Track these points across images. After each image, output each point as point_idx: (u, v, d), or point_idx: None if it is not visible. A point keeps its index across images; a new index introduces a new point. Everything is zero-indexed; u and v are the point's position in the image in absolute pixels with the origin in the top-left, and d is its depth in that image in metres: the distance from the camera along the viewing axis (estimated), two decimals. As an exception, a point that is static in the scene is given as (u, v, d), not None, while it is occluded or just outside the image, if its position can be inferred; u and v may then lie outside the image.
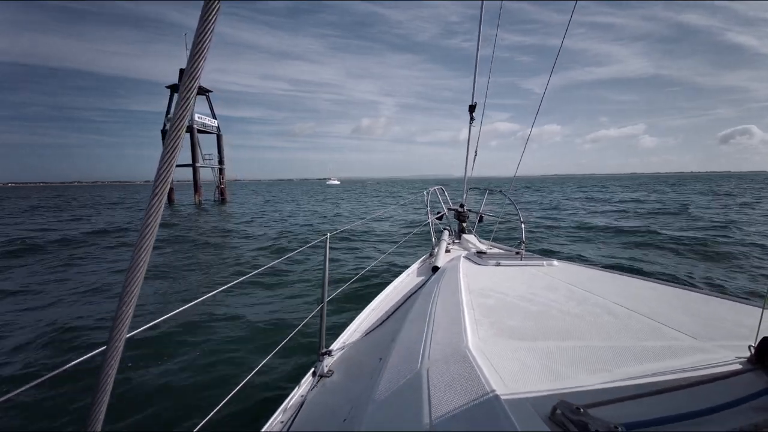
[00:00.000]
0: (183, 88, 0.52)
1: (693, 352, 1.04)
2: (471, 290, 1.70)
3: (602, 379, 0.89)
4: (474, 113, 4.37)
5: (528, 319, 1.32)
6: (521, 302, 1.52)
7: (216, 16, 0.51)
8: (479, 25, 3.90)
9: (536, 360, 1.00)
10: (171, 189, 33.62)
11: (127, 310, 0.54)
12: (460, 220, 4.53)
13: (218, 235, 13.03)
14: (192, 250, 10.19)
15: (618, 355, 1.02)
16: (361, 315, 2.31)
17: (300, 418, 1.42)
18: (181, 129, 0.54)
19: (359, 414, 1.12)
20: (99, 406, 0.55)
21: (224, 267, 8.29)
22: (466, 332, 1.18)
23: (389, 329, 1.97)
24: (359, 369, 1.69)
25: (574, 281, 1.84)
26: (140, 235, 0.53)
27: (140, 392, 3.31)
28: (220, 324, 4.87)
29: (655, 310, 1.40)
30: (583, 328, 1.23)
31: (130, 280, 0.53)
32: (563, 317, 1.33)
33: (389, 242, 11.31)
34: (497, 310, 1.42)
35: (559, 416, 0.73)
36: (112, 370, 0.55)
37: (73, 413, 3.05)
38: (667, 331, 1.20)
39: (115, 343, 0.54)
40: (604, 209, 18.83)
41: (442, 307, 1.55)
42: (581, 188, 48.41)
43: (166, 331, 4.46)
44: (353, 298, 5.18)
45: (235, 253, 9.86)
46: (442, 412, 0.81)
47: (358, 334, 2.08)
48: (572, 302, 1.51)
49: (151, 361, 3.84)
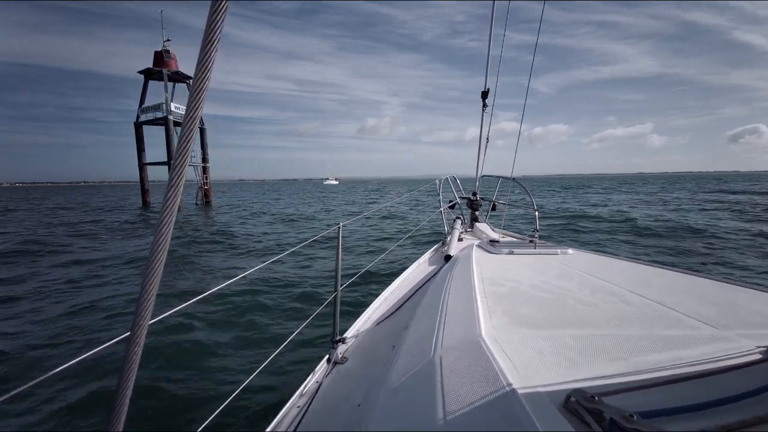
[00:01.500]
0: (194, 87, 0.53)
1: (711, 341, 1.02)
2: (484, 279, 1.70)
3: (618, 368, 0.88)
4: (486, 99, 4.32)
5: (542, 307, 1.32)
6: (535, 291, 1.51)
7: (224, 16, 0.51)
8: (492, 12, 3.84)
9: (550, 348, 0.99)
10: (146, 191, 28.18)
11: (150, 297, 0.56)
12: (473, 208, 4.49)
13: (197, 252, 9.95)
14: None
15: (634, 343, 1.01)
16: (374, 303, 2.34)
17: (315, 403, 1.46)
18: (194, 128, 0.54)
19: (373, 400, 1.14)
20: (124, 391, 0.57)
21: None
22: (479, 320, 1.19)
23: (402, 317, 1.98)
24: (373, 356, 1.72)
25: (589, 269, 1.82)
26: (158, 224, 0.55)
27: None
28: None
29: (672, 298, 1.37)
30: (599, 316, 1.22)
31: (151, 268, 0.55)
32: (578, 306, 1.32)
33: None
34: (510, 299, 1.41)
35: (573, 404, 0.73)
36: (136, 356, 0.57)
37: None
38: (684, 319, 1.18)
39: (138, 330, 0.57)
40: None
41: (454, 295, 1.55)
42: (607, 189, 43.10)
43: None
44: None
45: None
46: (456, 399, 0.82)
47: (372, 323, 2.10)
48: (587, 290, 1.49)
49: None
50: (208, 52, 0.51)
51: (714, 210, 16.76)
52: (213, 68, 0.52)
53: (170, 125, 26.91)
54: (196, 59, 0.52)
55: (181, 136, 0.54)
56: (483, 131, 4.41)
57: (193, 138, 0.55)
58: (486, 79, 4.22)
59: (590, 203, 22.18)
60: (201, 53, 0.51)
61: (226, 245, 10.81)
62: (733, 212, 15.61)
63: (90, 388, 3.29)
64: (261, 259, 8.68)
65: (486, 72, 4.20)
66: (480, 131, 4.45)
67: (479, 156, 4.54)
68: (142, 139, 28.51)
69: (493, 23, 3.84)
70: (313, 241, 5.67)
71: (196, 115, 0.54)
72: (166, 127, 27.07)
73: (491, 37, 4.02)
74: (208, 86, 0.53)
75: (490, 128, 4.44)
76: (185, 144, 0.54)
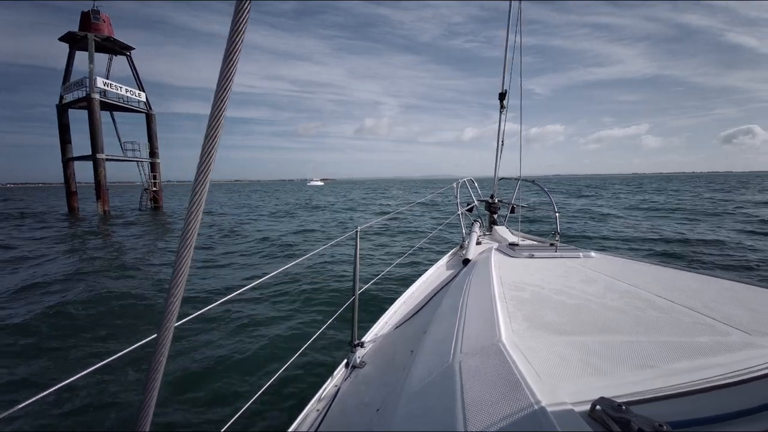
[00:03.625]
0: (219, 88, 0.54)
1: (745, 347, 0.97)
2: (504, 283, 1.67)
3: (646, 376, 0.85)
4: (504, 101, 4.28)
5: (564, 312, 1.28)
6: (557, 295, 1.47)
7: (247, 16, 0.52)
8: (508, 15, 3.83)
9: (574, 355, 0.96)
10: (73, 193, 22.44)
11: (175, 301, 0.58)
12: (491, 211, 4.44)
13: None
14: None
15: (663, 350, 0.97)
16: (392, 308, 2.33)
17: (334, 407, 1.46)
18: (219, 128, 0.55)
19: (392, 405, 1.13)
20: (151, 392, 0.59)
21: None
22: (499, 326, 1.17)
23: (420, 322, 1.97)
24: (391, 361, 1.71)
25: (613, 273, 1.76)
26: (184, 228, 0.56)
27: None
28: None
29: (702, 302, 1.31)
30: (625, 322, 1.18)
31: (178, 270, 0.57)
32: (603, 311, 1.28)
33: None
34: (532, 304, 1.38)
35: (599, 413, 0.70)
36: (162, 357, 0.59)
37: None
38: (716, 325, 1.13)
39: (164, 332, 0.59)
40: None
41: (473, 299, 1.53)
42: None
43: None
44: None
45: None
46: (476, 405, 0.80)
47: (390, 327, 2.10)
48: (612, 295, 1.44)
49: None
50: (233, 53, 0.52)
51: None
52: (237, 69, 0.53)
53: (95, 107, 20.02)
54: (221, 58, 0.53)
55: (207, 137, 0.55)
56: (500, 133, 4.37)
57: (218, 140, 0.55)
58: (503, 80, 4.19)
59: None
60: (226, 52, 0.52)
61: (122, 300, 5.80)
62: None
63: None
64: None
65: (503, 73, 4.17)
66: (498, 133, 4.40)
67: (497, 158, 4.49)
68: (68, 127, 21.82)
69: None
70: (332, 245, 5.62)
71: (220, 115, 0.54)
72: (89, 109, 20.12)
73: (507, 38, 3.99)
74: (232, 87, 0.54)
75: (501, 130, 4.40)
76: (211, 145, 0.55)
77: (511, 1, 3.79)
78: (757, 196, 24.36)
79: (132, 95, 23.08)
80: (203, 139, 0.55)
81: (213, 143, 0.55)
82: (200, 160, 0.55)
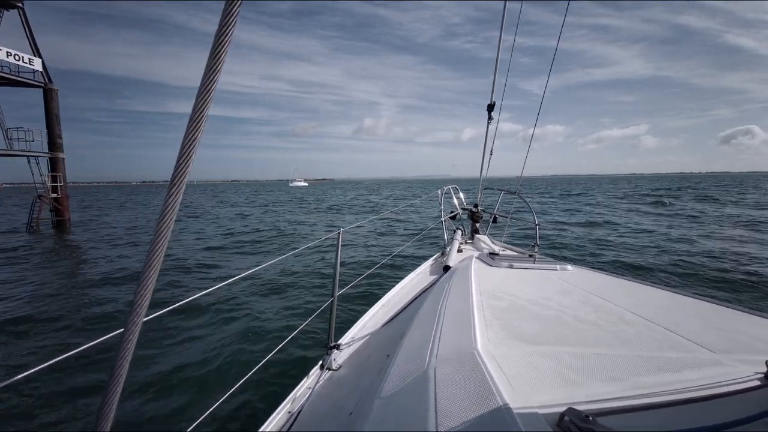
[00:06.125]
0: (203, 87, 0.53)
1: (709, 365, 1.01)
2: (482, 291, 1.69)
3: (614, 389, 0.87)
4: (492, 112, 4.33)
5: (540, 323, 1.30)
6: (533, 306, 1.49)
7: (236, 18, 0.52)
8: (501, 25, 3.87)
9: (546, 365, 0.98)
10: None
11: (146, 294, 0.56)
12: (474, 220, 4.48)
13: None
14: None
15: (632, 364, 0.99)
16: (370, 311, 2.32)
17: (307, 409, 1.44)
18: (200, 127, 0.54)
19: (365, 409, 1.13)
20: (114, 390, 0.57)
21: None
22: (475, 334, 1.17)
23: (398, 326, 1.97)
24: (367, 364, 1.70)
25: (588, 287, 1.80)
26: (158, 223, 0.55)
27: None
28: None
29: (672, 320, 1.36)
30: (597, 335, 1.21)
31: (149, 264, 0.55)
32: (576, 323, 1.31)
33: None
34: (508, 313, 1.40)
35: (567, 423, 0.71)
36: (128, 353, 0.57)
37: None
38: (683, 342, 1.17)
39: (132, 327, 0.56)
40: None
41: (452, 307, 1.54)
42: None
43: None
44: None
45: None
46: (448, 412, 0.81)
47: (367, 330, 2.08)
48: (586, 308, 1.48)
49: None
50: (219, 54, 0.51)
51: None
52: (222, 69, 0.53)
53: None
54: (207, 55, 0.52)
55: (186, 135, 0.54)
56: (487, 144, 4.42)
57: (198, 137, 0.54)
58: (492, 92, 4.24)
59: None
60: (212, 51, 0.52)
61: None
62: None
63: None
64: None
65: (493, 84, 4.22)
66: (484, 143, 4.46)
67: (482, 167, 4.55)
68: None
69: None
70: (315, 246, 5.54)
71: (202, 117, 0.54)
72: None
73: (499, 53, 4.05)
74: (216, 86, 0.53)
75: (487, 140, 4.43)
76: (190, 142, 0.54)
77: (505, 2, 3.79)
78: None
79: (23, 62, 15.40)
80: (182, 139, 0.54)
81: (193, 143, 0.54)
82: (178, 159, 0.54)
